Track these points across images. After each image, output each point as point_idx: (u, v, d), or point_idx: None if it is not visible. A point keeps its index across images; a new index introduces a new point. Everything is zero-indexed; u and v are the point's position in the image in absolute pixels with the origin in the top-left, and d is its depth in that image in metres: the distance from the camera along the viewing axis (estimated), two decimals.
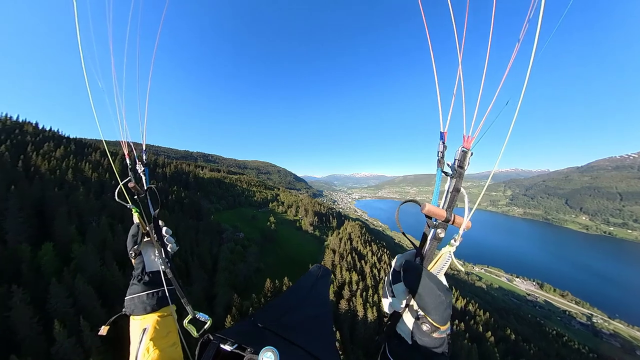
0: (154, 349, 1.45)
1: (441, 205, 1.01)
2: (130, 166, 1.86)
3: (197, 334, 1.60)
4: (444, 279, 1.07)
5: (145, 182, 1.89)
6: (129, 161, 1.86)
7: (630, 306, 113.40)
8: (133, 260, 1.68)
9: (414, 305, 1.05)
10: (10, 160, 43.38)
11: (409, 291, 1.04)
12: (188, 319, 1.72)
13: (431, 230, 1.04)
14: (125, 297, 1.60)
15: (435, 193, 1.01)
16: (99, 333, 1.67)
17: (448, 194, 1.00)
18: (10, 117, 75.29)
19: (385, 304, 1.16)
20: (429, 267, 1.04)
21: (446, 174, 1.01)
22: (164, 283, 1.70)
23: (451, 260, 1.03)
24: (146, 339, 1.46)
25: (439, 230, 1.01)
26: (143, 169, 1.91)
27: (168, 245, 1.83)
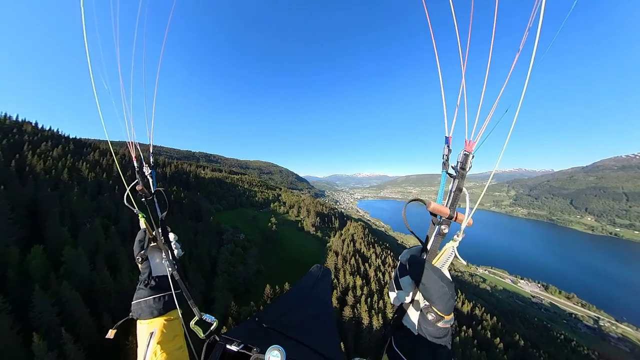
0: (161, 352, 1.49)
1: (445, 204, 1.08)
2: (137, 169, 1.84)
3: (204, 335, 1.62)
4: (448, 273, 1.13)
5: (153, 185, 1.89)
6: (136, 163, 1.84)
7: (638, 309, 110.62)
8: (140, 265, 1.70)
9: (419, 299, 1.13)
10: (3, 160, 42.21)
11: (414, 283, 1.12)
12: (195, 321, 1.75)
13: (435, 227, 1.12)
14: (132, 302, 1.63)
15: (440, 193, 1.11)
16: (107, 336, 1.69)
17: (451, 193, 1.08)
18: (10, 117, 74.38)
19: (392, 297, 1.25)
20: (434, 261, 1.12)
21: (450, 175, 1.09)
22: (171, 286, 1.73)
23: (454, 254, 1.10)
24: (153, 343, 1.50)
25: (443, 227, 1.08)
26: (150, 171, 1.91)
27: (175, 250, 1.87)
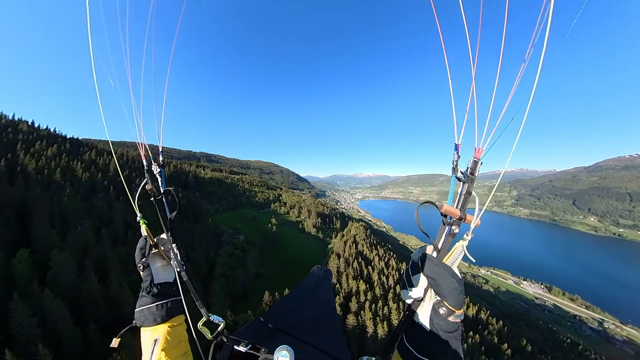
0: (165, 359, 1.49)
1: (455, 206, 1.16)
2: (146, 167, 1.81)
3: (211, 337, 1.65)
4: (457, 271, 1.19)
5: (162, 184, 1.86)
6: (145, 162, 1.82)
7: None
8: (141, 273, 1.67)
9: (431, 295, 1.20)
10: None
11: (426, 280, 1.19)
12: (202, 322, 1.74)
13: (446, 227, 1.18)
14: (135, 309, 1.62)
15: (450, 195, 1.17)
16: (111, 345, 1.64)
17: (461, 196, 1.15)
18: (6, 116, 73.23)
19: (404, 294, 1.30)
20: (444, 260, 1.19)
21: (459, 179, 1.16)
22: (180, 288, 1.75)
23: (464, 252, 1.17)
24: (157, 350, 1.50)
25: (453, 227, 1.15)
26: (159, 170, 1.86)
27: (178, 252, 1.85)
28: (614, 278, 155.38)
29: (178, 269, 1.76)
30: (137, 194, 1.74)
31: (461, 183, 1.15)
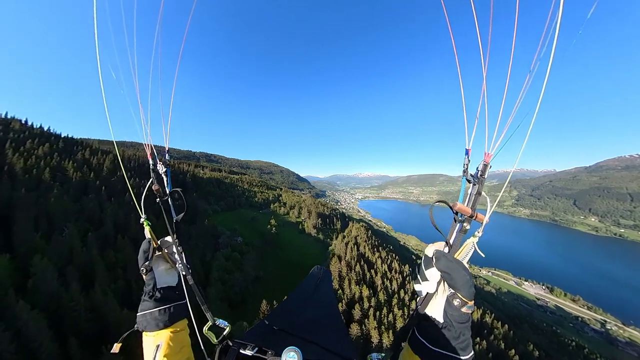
0: None
1: (465, 205, 1.25)
2: (152, 166, 1.79)
3: (217, 341, 1.63)
4: (467, 265, 1.26)
5: (168, 184, 1.83)
6: (151, 161, 1.79)
7: None
8: (144, 277, 1.63)
9: (444, 288, 1.26)
10: None
11: (440, 274, 1.25)
12: (208, 326, 1.73)
13: (457, 225, 1.26)
14: (137, 314, 1.60)
15: (461, 195, 1.28)
16: (112, 351, 1.62)
17: (472, 196, 1.24)
18: None
19: (418, 288, 1.36)
20: (456, 255, 1.26)
21: (469, 181, 1.26)
22: (184, 290, 1.72)
23: (474, 248, 1.25)
24: (160, 356, 1.48)
25: (465, 224, 1.24)
26: (165, 169, 1.82)
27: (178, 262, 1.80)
28: (615, 278, 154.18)
29: (184, 272, 1.73)
30: (144, 195, 1.69)
31: (471, 185, 1.24)
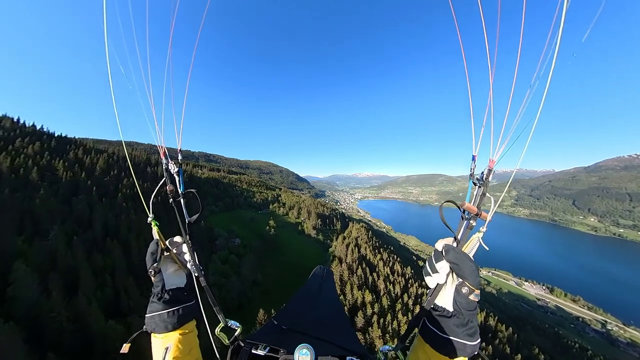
0: None
1: (472, 204, 1.40)
2: (165, 166, 1.77)
3: (229, 342, 1.65)
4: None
5: (180, 184, 1.80)
6: (163, 161, 1.78)
7: None
8: (153, 278, 1.62)
9: (453, 279, 1.39)
10: None
11: (449, 266, 1.37)
12: (220, 327, 1.73)
13: (464, 222, 1.42)
14: (146, 315, 1.60)
15: (467, 196, 1.44)
16: (121, 351, 1.58)
17: (477, 197, 1.39)
18: None
19: (428, 280, 1.47)
20: (463, 249, 1.40)
21: (475, 183, 1.40)
22: (197, 291, 1.74)
23: (480, 243, 1.39)
24: (169, 358, 1.49)
25: (471, 221, 1.38)
26: (177, 169, 1.78)
27: (188, 263, 1.78)
28: (615, 278, 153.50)
29: (196, 274, 1.73)
30: (154, 195, 1.65)
31: (476, 187, 1.39)
